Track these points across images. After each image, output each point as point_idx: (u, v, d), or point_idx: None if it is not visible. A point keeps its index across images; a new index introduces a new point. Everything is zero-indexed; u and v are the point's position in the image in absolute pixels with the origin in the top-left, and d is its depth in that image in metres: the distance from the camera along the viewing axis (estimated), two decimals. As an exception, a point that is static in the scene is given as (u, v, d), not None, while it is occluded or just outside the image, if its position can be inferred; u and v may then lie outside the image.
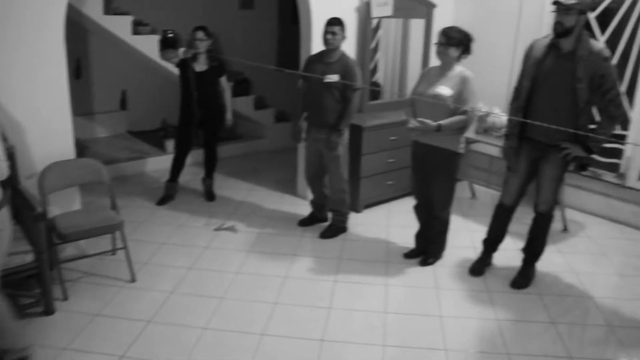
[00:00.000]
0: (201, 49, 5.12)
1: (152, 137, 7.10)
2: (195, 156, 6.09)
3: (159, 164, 6.38)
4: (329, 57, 4.44)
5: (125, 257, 3.96)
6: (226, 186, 5.97)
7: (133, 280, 3.95)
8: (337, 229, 4.83)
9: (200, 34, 5.09)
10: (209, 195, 5.58)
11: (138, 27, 6.30)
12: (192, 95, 5.17)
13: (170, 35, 5.95)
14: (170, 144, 6.50)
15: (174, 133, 6.18)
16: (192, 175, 6.07)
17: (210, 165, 5.56)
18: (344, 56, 4.45)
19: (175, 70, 5.35)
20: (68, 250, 4.16)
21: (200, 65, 5.17)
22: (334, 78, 4.36)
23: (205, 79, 5.18)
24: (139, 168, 6.35)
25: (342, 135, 4.50)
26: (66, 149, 4.02)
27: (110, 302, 3.69)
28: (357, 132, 5.00)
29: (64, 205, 4.05)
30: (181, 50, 5.27)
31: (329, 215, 4.93)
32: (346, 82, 4.33)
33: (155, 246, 4.52)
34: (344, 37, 4.42)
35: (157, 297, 3.76)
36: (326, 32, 4.35)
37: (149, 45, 6.23)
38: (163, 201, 5.42)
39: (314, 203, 5.01)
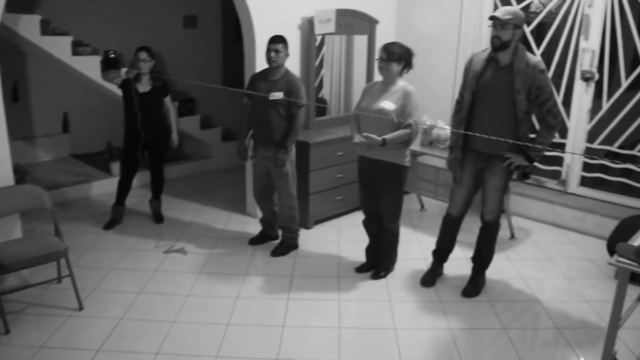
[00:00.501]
0: (144, 69, 5.05)
1: (97, 160, 6.94)
2: (141, 178, 5.99)
3: (105, 187, 6.24)
4: (273, 74, 4.45)
5: (72, 285, 3.83)
6: (174, 207, 5.88)
7: (80, 308, 3.82)
8: (288, 246, 4.81)
9: (143, 55, 5.02)
10: (157, 217, 5.48)
11: (78, 48, 6.19)
12: (137, 117, 5.09)
13: (112, 55, 5.84)
14: (115, 167, 6.38)
15: (119, 155, 6.06)
16: (139, 197, 5.97)
17: (157, 187, 5.47)
18: (288, 73, 4.47)
19: (118, 91, 5.26)
20: (10, 280, 4.00)
21: (144, 86, 5.10)
22: (278, 95, 4.37)
23: (149, 99, 5.11)
24: (84, 192, 6.19)
25: (289, 152, 4.51)
26: (4, 175, 3.89)
27: (57, 332, 3.56)
28: (304, 148, 5.02)
29: (3, 234, 3.90)
30: (123, 70, 5.18)
31: (280, 232, 4.91)
32: (290, 99, 4.34)
33: (103, 272, 4.40)
34: (287, 55, 4.44)
35: (107, 325, 3.65)
36: (269, 50, 4.36)
37: (90, 66, 6.13)
38: (110, 225, 5.30)
39: (263, 221, 4.98)
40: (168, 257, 4.70)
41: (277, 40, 4.36)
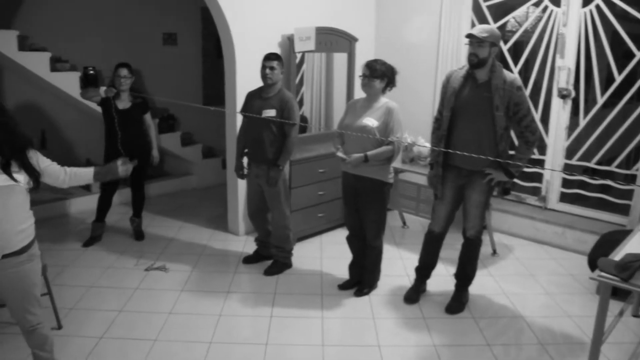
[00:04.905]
0: (124, 86, 5.02)
1: (76, 177, 6.85)
2: (122, 195, 5.93)
3: (84, 204, 6.17)
4: (267, 92, 4.44)
5: (50, 303, 3.76)
6: (155, 225, 5.83)
7: (59, 327, 3.75)
8: (281, 265, 4.76)
9: (124, 72, 5.00)
10: (138, 235, 5.43)
11: (57, 64, 6.13)
12: (117, 135, 5.05)
13: (91, 72, 5.81)
14: (95, 184, 6.30)
15: (98, 172, 5.98)
16: (119, 214, 5.91)
17: (138, 204, 5.42)
18: (281, 91, 4.45)
19: (98, 108, 5.22)
20: (-13, 299, 3.92)
21: (123, 103, 5.07)
22: (270, 113, 4.35)
23: (129, 116, 5.08)
24: (63, 209, 6.11)
25: (282, 171, 4.48)
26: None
27: (35, 352, 3.48)
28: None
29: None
30: (103, 89, 5.14)
31: (274, 251, 4.83)
32: (282, 119, 4.31)
33: (82, 290, 4.33)
34: (282, 72, 4.43)
35: (86, 344, 3.59)
36: (264, 67, 4.35)
37: (68, 82, 6.07)
38: (90, 242, 5.23)
39: (258, 240, 4.93)
40: (149, 274, 4.64)
41: (272, 58, 4.35)
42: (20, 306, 2.85)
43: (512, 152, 3.91)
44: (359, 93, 4.36)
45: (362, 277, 4.39)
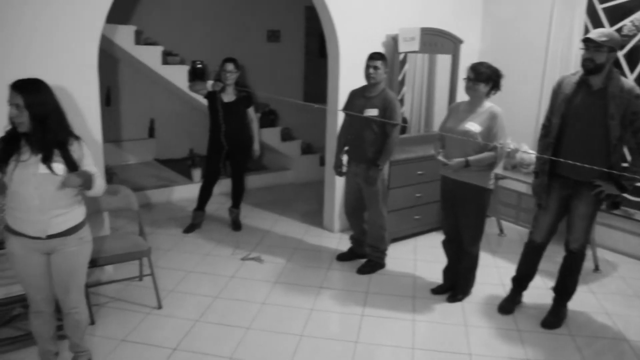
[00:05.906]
0: (230, 81, 5.16)
1: (180, 166, 7.16)
2: (222, 186, 6.12)
3: (186, 192, 6.42)
4: (370, 91, 4.43)
5: (152, 284, 3.96)
6: (252, 216, 5.97)
7: (159, 307, 3.93)
8: (374, 264, 4.74)
9: (230, 66, 5.14)
10: (236, 225, 5.58)
11: (167, 57, 6.43)
12: (220, 126, 5.21)
13: (199, 66, 6.04)
14: (197, 173, 6.55)
15: (201, 162, 6.23)
16: (219, 204, 6.10)
17: (237, 196, 5.57)
18: (385, 91, 4.42)
19: (204, 101, 5.41)
20: (95, 274, 4.17)
21: (228, 96, 5.21)
22: (372, 112, 4.34)
23: (233, 109, 5.22)
24: (166, 196, 6.39)
25: (381, 171, 4.46)
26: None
27: (137, 328, 3.67)
28: (384, 165, 4.99)
29: (93, 230, 4.02)
30: (210, 83, 5.32)
31: (368, 250, 4.82)
32: (384, 119, 4.29)
33: (181, 274, 4.51)
34: (386, 72, 4.41)
35: (183, 325, 3.73)
36: (368, 67, 4.34)
37: (177, 75, 6.35)
38: (190, 229, 5.44)
39: (353, 238, 4.94)
40: (245, 264, 4.76)
41: (377, 57, 4.34)
42: (63, 286, 2.94)
43: (625, 165, 3.68)
44: (462, 96, 4.26)
45: (456, 282, 4.30)
